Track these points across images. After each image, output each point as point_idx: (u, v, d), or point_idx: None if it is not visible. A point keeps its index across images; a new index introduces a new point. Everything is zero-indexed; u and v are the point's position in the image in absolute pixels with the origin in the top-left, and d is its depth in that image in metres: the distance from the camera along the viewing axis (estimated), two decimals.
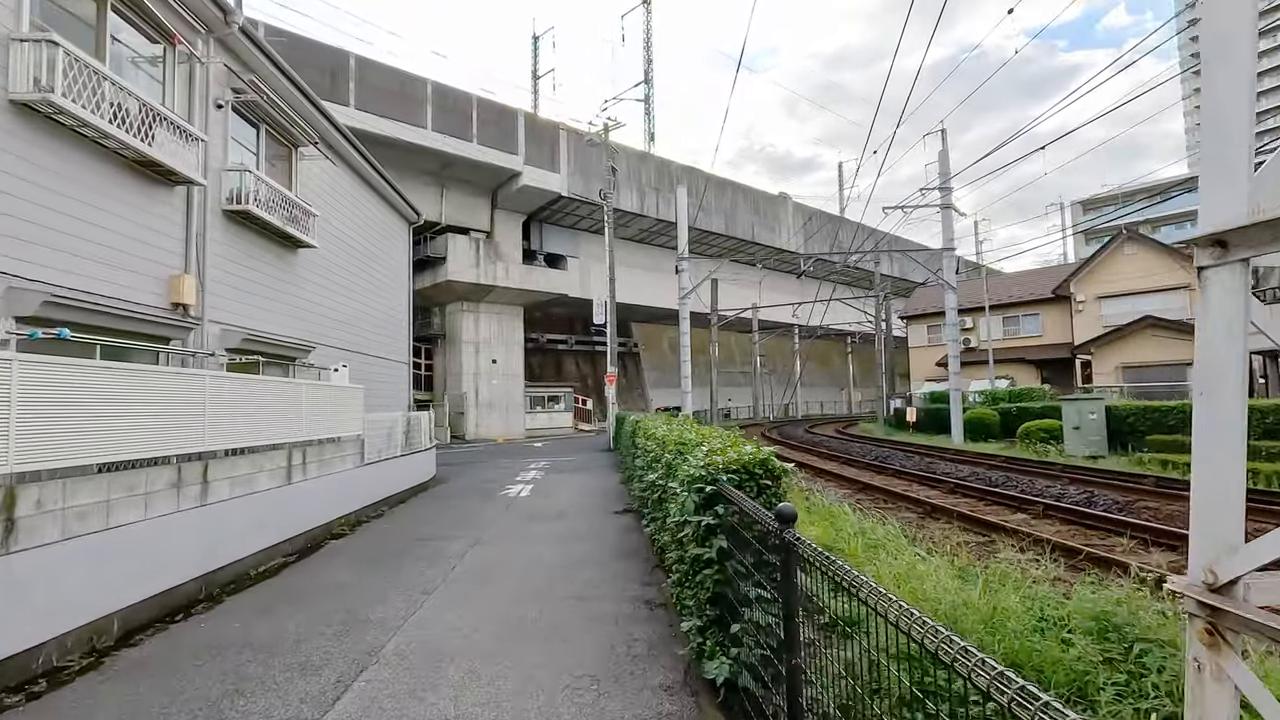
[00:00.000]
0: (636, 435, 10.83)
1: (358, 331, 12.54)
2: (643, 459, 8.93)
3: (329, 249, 11.37)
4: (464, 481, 15.10)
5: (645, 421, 11.40)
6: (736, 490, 3.60)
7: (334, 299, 11.47)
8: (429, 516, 10.43)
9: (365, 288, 13.03)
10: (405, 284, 15.35)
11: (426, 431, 14.75)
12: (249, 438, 7.04)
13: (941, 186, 22.72)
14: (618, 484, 13.90)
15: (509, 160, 30.07)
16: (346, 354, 11.80)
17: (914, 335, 36.69)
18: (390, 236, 14.54)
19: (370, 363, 13.14)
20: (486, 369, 33.77)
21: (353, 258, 12.38)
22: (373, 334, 13.37)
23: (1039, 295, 31.20)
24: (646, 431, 9.30)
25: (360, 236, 12.78)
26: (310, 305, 10.40)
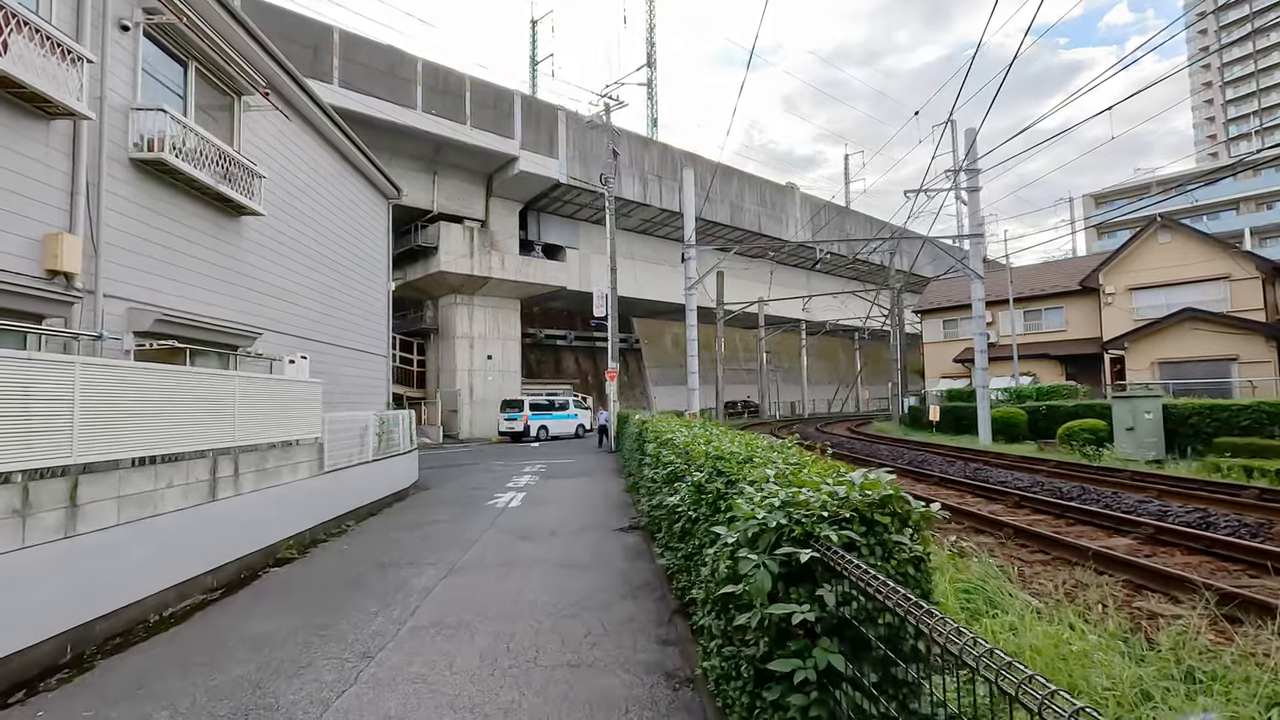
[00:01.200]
0: (645, 439, 9.25)
1: (324, 319, 10.96)
2: (654, 470, 7.35)
3: (285, 221, 9.78)
4: (449, 488, 13.52)
5: (655, 422, 9.82)
6: (848, 555, 2.01)
7: (292, 280, 9.89)
8: (400, 534, 8.84)
9: (334, 270, 11.44)
10: (384, 268, 13.79)
11: (406, 432, 13.16)
12: (149, 444, 5.45)
13: (967, 169, 21.12)
14: (621, 491, 12.32)
15: (504, 144, 28.46)
16: (309, 344, 10.23)
17: (929, 330, 35.10)
18: (366, 214, 12.96)
19: (340, 355, 11.58)
20: (481, 365, 32.20)
21: (317, 234, 10.80)
22: (344, 323, 11.80)
23: (1063, 288, 29.60)
24: (658, 434, 7.71)
25: (327, 211, 11.20)
26: (259, 285, 8.82)
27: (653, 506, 7.43)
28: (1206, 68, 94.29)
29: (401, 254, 30.30)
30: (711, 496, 3.45)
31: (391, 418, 12.29)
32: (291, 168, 9.94)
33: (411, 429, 13.56)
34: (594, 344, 44.41)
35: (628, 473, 14.28)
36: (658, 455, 6.70)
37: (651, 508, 7.48)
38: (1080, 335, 29.14)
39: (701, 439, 5.27)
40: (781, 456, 3.39)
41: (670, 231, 39.06)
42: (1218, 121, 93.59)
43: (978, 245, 21.19)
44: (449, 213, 29.68)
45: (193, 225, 7.45)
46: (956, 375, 33.13)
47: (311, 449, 8.58)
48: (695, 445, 4.79)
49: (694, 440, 5.15)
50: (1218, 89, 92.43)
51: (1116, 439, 15.01)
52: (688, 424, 7.68)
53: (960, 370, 33.04)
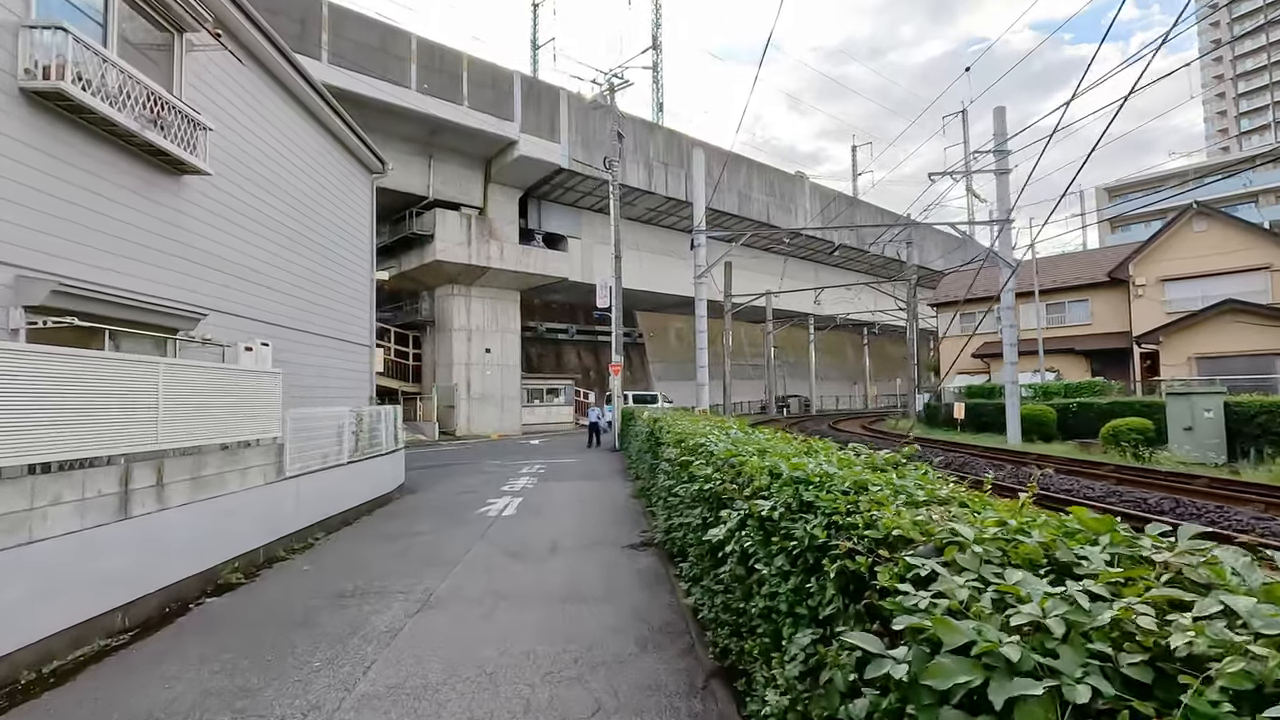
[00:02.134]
0: (660, 440, 7.96)
1: (293, 303, 9.66)
2: (674, 481, 6.09)
3: (243, 187, 8.48)
4: (438, 492, 12.24)
5: (671, 421, 8.52)
6: None
7: (252, 256, 8.59)
8: (373, 550, 7.56)
9: (306, 248, 10.14)
10: (367, 250, 12.50)
11: (391, 430, 11.88)
12: (20, 449, 4.16)
13: (997, 150, 19.75)
14: (629, 497, 11.03)
15: (504, 127, 27.11)
16: (273, 330, 8.95)
17: (945, 325, 33.73)
18: (346, 189, 11.66)
19: (314, 344, 10.29)
20: (479, 359, 30.91)
21: (285, 206, 9.50)
22: (319, 308, 10.51)
23: (1089, 279, 28.22)
24: (679, 437, 6.43)
25: (298, 181, 9.90)
26: (208, 259, 7.52)
27: (673, 525, 6.15)
28: (1219, 60, 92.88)
29: (396, 242, 29.03)
30: (801, 549, 2.14)
31: (373, 414, 11.00)
32: (253, 127, 8.64)
33: (397, 427, 12.27)
34: (596, 338, 43.12)
35: (635, 475, 13.01)
36: (682, 465, 5.40)
37: (671, 526, 6.21)
38: (1106, 329, 27.77)
39: (749, 446, 3.96)
40: (922, 485, 2.08)
41: (676, 221, 37.70)
42: (1229, 115, 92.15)
43: (1006, 231, 19.85)
44: (445, 199, 28.35)
45: (114, 180, 6.15)
46: (975, 371, 31.79)
47: (268, 451, 7.29)
48: (744, 457, 3.48)
49: (739, 450, 3.84)
50: (1230, 82, 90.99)
51: (1172, 439, 13.70)
52: (721, 424, 6.38)
53: (979, 366, 31.71)
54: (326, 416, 8.88)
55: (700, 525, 4.25)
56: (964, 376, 32.19)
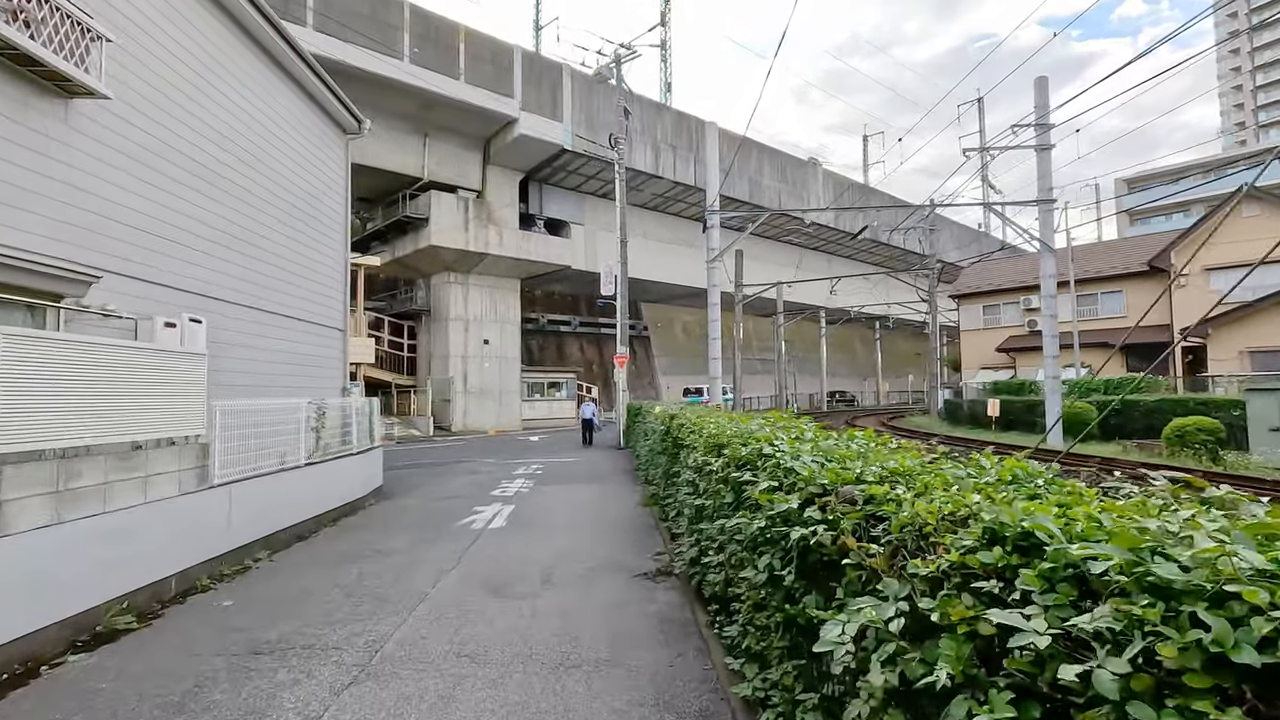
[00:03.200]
0: (680, 442, 6.40)
1: (241, 274, 8.11)
2: (707, 499, 4.55)
3: (166, 124, 6.92)
4: (420, 497, 10.71)
5: (694, 418, 6.96)
6: None
7: (178, 212, 7.02)
8: (320, 579, 6.02)
9: (257, 209, 8.58)
10: (340, 220, 10.95)
11: (365, 426, 10.35)
12: None
13: (1039, 124, 18.07)
14: (638, 505, 9.49)
15: (503, 104, 25.51)
16: (213, 305, 7.41)
17: (966, 318, 32.10)
18: (312, 145, 10.10)
19: (269, 325, 8.75)
20: (477, 350, 29.38)
21: (227, 155, 7.94)
22: (278, 283, 8.96)
23: (1124, 269, 26.52)
24: (714, 440, 4.87)
25: (247, 129, 8.35)
26: (109, 209, 5.91)
27: (705, 557, 4.61)
28: (1235, 52, 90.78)
29: (389, 226, 27.52)
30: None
31: (341, 408, 9.47)
32: (180, 53, 7.08)
33: (373, 422, 10.75)
34: (599, 330, 41.59)
35: (645, 478, 11.46)
36: (730, 484, 3.84)
37: (701, 556, 4.66)
38: (1145, 322, 26.06)
39: (854, 462, 2.39)
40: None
41: (684, 208, 36.08)
42: (1247, 108, 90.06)
43: (1048, 212, 18.19)
44: (441, 181, 26.78)
45: None
46: (999, 366, 30.18)
47: (187, 453, 5.76)
48: (876, 485, 1.92)
49: (854, 471, 2.27)
50: (1248, 74, 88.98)
51: (1254, 441, 12.11)
52: (788, 424, 4.82)
53: (1003, 360, 30.09)
54: (275, 411, 7.34)
55: (769, 583, 2.68)
56: (986, 372, 30.59)
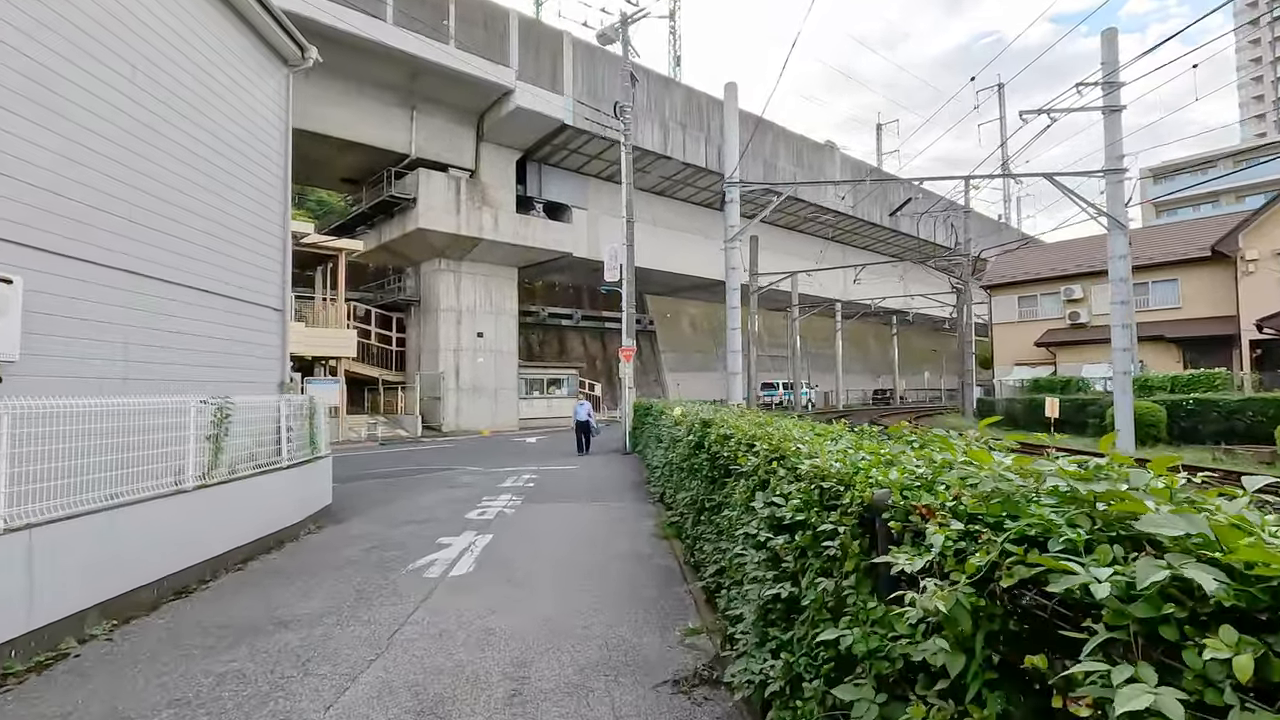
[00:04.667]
0: (735, 472, 4.10)
1: (103, 224, 5.86)
2: (817, 603, 2.24)
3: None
4: (375, 520, 8.46)
5: (748, 425, 4.73)
6: None
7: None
8: (149, 689, 3.78)
9: (139, 139, 6.34)
10: (276, 174, 8.70)
11: (304, 431, 8.13)
12: None
13: (1107, 82, 15.72)
14: (653, 535, 7.24)
15: (497, 73, 23.24)
16: (50, 261, 5.17)
17: (999, 310, 29.72)
18: (234, 70, 7.86)
19: (163, 295, 6.51)
20: (470, 343, 27.16)
21: (97, 65, 5.73)
22: (176, 241, 6.73)
23: (1180, 255, 24.12)
24: (827, 474, 2.50)
25: (134, 35, 6.13)
26: None
27: (794, 666, 2.30)
28: (1255, 42, 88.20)
29: (374, 208, 25.30)
30: None
31: (270, 408, 7.24)
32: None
33: (317, 427, 8.52)
34: (603, 324, 39.35)
35: (660, 496, 9.21)
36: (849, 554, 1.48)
37: (790, 664, 2.38)
38: (1201, 314, 23.70)
39: None
40: None
41: (693, 193, 33.77)
42: (1267, 99, 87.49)
43: (1118, 183, 15.84)
44: (430, 159, 24.54)
45: None
46: (1036, 362, 27.82)
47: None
48: None
49: None
50: (1268, 65, 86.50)
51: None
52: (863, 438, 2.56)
53: (1041, 356, 27.74)
54: (138, 413, 5.10)
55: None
56: (1022, 368, 28.23)
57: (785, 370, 45.11)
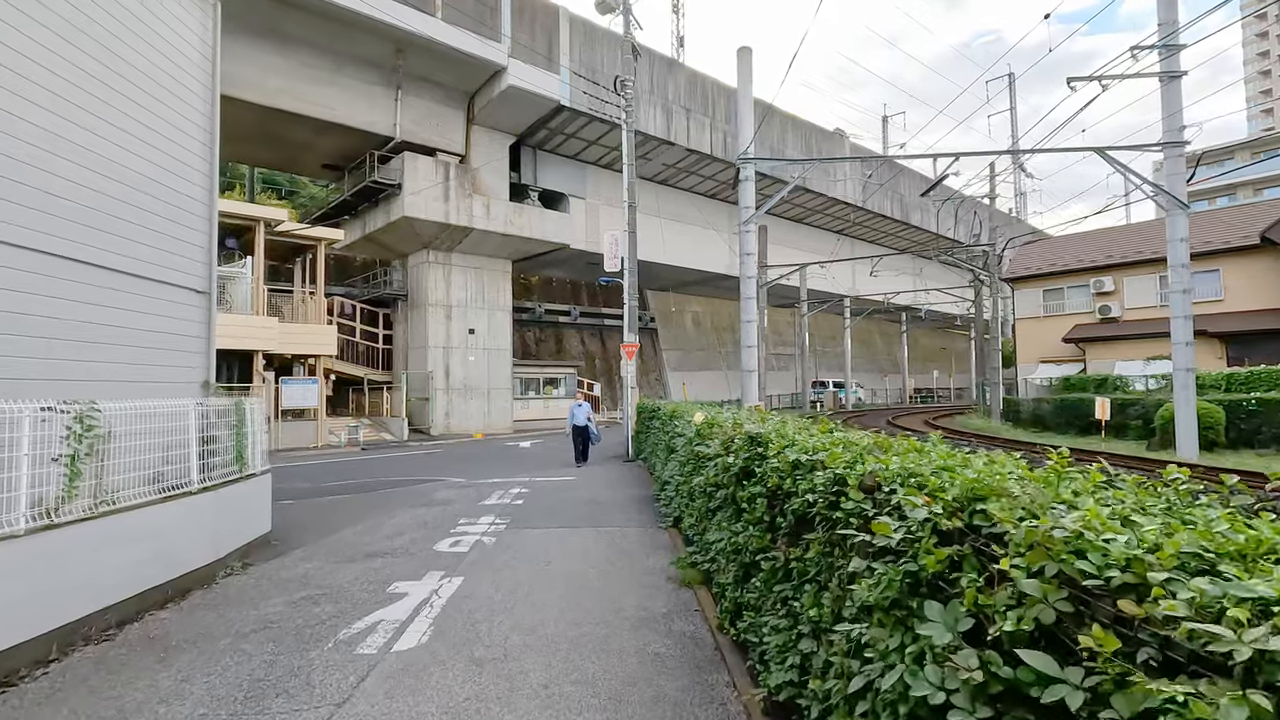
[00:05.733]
0: (817, 514, 2.39)
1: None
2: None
3: None
4: (318, 556, 6.79)
5: (808, 441, 3.03)
6: None
7: None
8: None
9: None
10: (198, 127, 7.02)
11: (228, 446, 6.46)
12: None
13: (1164, 45, 14.07)
14: (668, 580, 5.59)
15: (488, 50, 21.56)
16: None
17: (1022, 304, 28.07)
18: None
19: (25, 267, 4.87)
20: (462, 341, 25.48)
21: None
22: (33, 197, 5.07)
23: (1221, 244, 22.48)
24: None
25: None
26: None
27: None
28: (1263, 35, 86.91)
29: (357, 195, 23.59)
30: None
31: (162, 417, 5.57)
32: None
33: (247, 439, 6.84)
34: (603, 321, 37.71)
35: (675, 519, 7.55)
36: None
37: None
38: (1246, 306, 22.07)
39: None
40: None
41: (698, 182, 32.11)
42: (1275, 93, 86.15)
43: (1177, 157, 14.18)
44: (417, 142, 22.85)
45: None
46: (1064, 359, 26.18)
47: None
48: None
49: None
50: (1277, 58, 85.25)
51: None
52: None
53: (1069, 353, 26.09)
54: None
55: None
56: (1048, 366, 26.59)
57: (790, 369, 43.49)
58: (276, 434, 19.45)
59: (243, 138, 22.80)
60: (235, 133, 22.34)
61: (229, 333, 18.31)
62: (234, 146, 24.34)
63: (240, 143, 23.51)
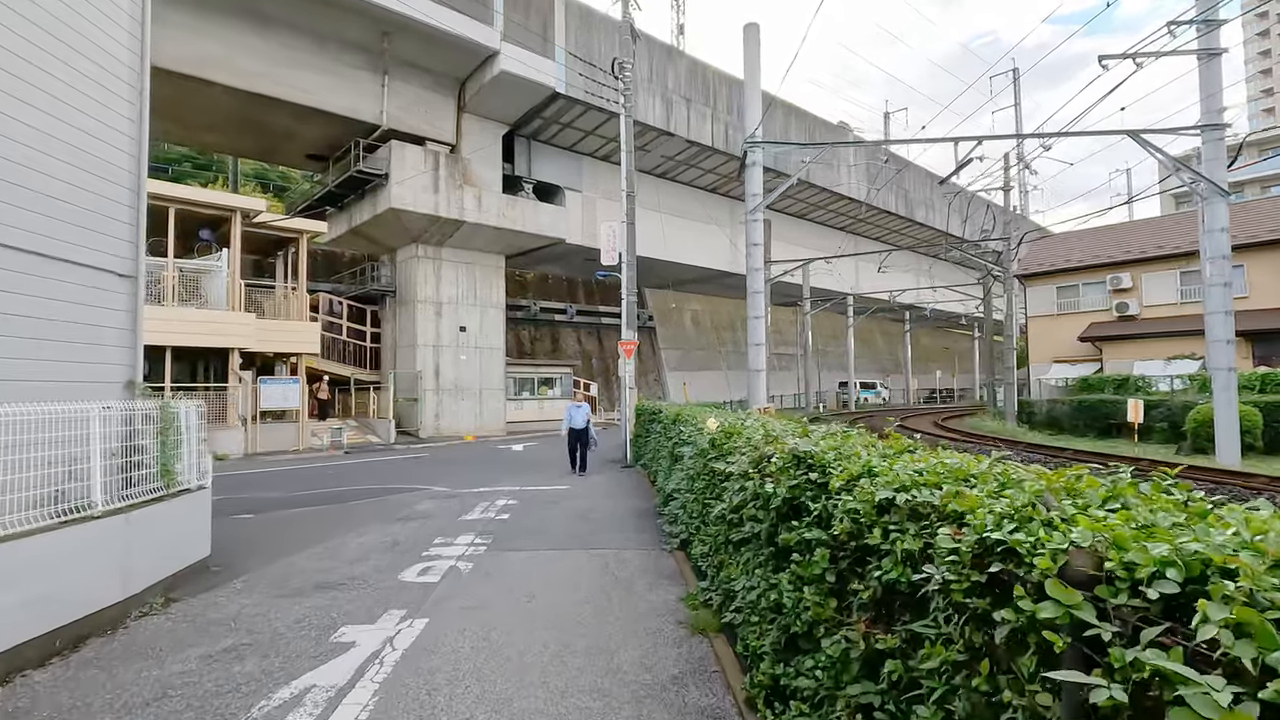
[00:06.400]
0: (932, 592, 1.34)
1: None
2: None
3: None
4: (259, 584, 5.75)
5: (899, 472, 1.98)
6: None
7: None
8: None
9: None
10: (123, 82, 5.99)
11: (151, 457, 5.43)
12: None
13: (1205, 21, 13.08)
14: (677, 616, 4.56)
15: (480, 32, 20.50)
16: None
17: (1035, 301, 27.10)
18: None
19: None
20: (452, 339, 24.42)
21: None
22: None
23: (1247, 238, 21.52)
24: None
25: None
26: None
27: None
28: (1264, 34, 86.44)
29: (343, 185, 22.50)
30: None
31: (56, 424, 4.52)
32: None
33: (175, 449, 5.80)
34: (600, 319, 36.65)
35: (682, 541, 6.52)
36: None
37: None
38: (1272, 304, 21.13)
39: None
40: None
41: (697, 176, 31.08)
42: (1277, 94, 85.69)
43: (1217, 140, 13.20)
44: (405, 130, 21.78)
45: None
46: (1078, 358, 25.22)
47: None
48: None
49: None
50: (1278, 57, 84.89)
51: None
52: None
53: (1084, 352, 25.13)
54: None
55: None
56: (1062, 366, 25.64)
57: (792, 369, 42.48)
58: (255, 437, 18.39)
59: (220, 125, 21.74)
60: (212, 119, 21.29)
61: (203, 329, 17.26)
62: (211, 135, 23.28)
63: (218, 130, 22.44)
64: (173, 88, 18.63)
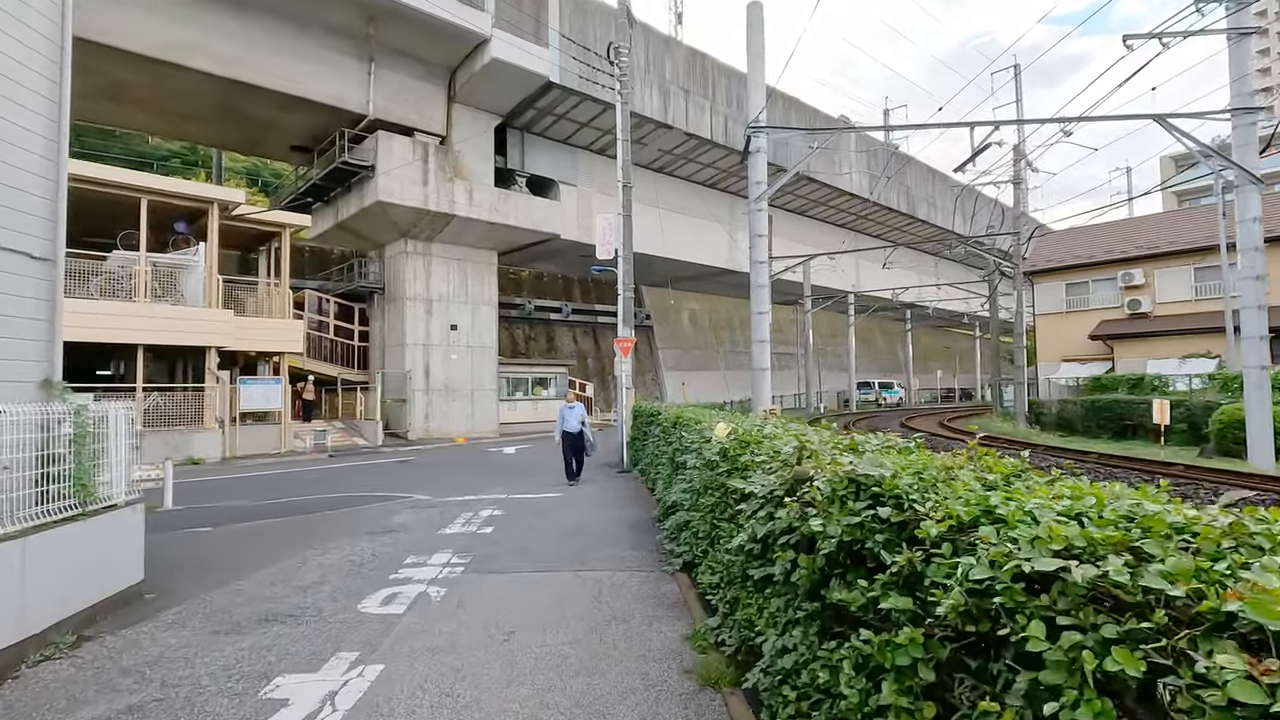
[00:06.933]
0: None
1: None
2: None
3: None
4: (195, 615, 4.93)
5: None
6: None
7: None
8: None
9: None
10: (45, 31, 5.23)
11: (64, 465, 4.60)
12: None
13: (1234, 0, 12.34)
14: (683, 663, 3.76)
15: (470, 17, 19.67)
16: None
17: (1043, 299, 26.38)
18: None
19: None
20: (443, 338, 23.58)
21: None
22: None
23: (1269, 233, 20.73)
24: None
25: None
26: None
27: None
28: (1264, 33, 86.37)
29: (329, 178, 21.65)
30: None
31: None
32: None
33: (91, 458, 4.98)
34: (595, 318, 35.86)
35: (682, 560, 5.71)
36: None
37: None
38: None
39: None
40: None
41: (696, 170, 30.28)
42: (1275, 93, 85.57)
43: (1248, 125, 12.46)
44: (393, 121, 20.94)
45: None
46: (1088, 357, 24.51)
47: None
48: None
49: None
50: (1277, 55, 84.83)
51: None
52: None
53: (1095, 350, 24.42)
54: None
55: None
56: (1071, 365, 24.92)
57: (791, 368, 41.73)
58: (234, 439, 17.54)
59: (200, 115, 20.88)
60: (191, 108, 20.43)
61: (178, 327, 16.41)
62: (192, 125, 22.40)
63: (198, 121, 21.57)
64: (148, 74, 17.80)
